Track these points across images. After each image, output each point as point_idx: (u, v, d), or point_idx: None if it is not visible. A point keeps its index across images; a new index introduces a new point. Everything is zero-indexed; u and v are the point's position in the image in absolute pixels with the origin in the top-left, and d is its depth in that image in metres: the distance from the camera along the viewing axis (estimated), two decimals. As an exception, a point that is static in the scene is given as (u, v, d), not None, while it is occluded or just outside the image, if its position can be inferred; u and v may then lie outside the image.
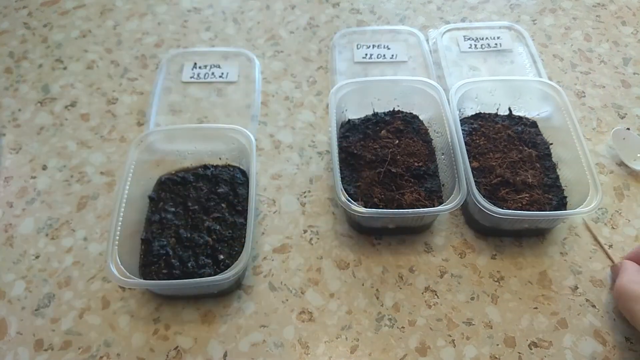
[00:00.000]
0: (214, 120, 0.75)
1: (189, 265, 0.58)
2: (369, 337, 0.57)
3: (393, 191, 0.62)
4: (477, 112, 0.72)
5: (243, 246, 0.56)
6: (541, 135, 0.70)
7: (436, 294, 0.60)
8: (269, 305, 0.59)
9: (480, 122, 0.71)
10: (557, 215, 0.60)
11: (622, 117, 0.76)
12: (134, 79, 0.81)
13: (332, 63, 0.81)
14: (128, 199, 0.59)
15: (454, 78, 0.76)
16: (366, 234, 0.65)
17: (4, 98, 0.78)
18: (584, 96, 0.79)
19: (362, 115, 0.71)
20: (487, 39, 0.84)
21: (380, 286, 0.61)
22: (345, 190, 0.59)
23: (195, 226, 0.61)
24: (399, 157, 0.65)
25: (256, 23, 0.89)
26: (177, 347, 0.56)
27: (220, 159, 0.68)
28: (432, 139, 0.69)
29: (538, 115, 0.72)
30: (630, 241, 0.64)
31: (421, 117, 0.71)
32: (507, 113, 0.72)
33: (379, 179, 0.63)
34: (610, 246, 0.64)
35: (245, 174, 0.67)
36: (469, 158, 0.63)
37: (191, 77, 0.80)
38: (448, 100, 0.67)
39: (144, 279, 0.58)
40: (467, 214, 0.66)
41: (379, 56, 0.82)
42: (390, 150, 0.66)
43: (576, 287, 0.61)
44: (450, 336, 0.57)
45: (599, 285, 0.61)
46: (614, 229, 0.65)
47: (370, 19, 0.90)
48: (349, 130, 0.69)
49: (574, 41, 0.86)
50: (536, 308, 0.59)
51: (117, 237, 0.56)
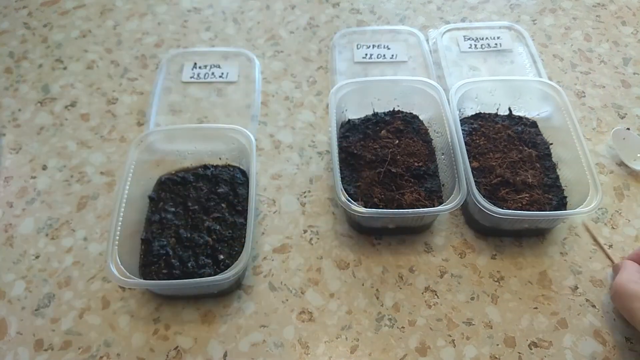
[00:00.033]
0: (214, 120, 0.75)
1: (189, 265, 0.58)
2: (369, 337, 0.57)
3: (393, 191, 0.62)
4: (477, 112, 0.72)
5: (243, 246, 0.56)
6: (541, 135, 0.70)
7: (436, 294, 0.60)
8: (269, 305, 0.59)
9: (480, 122, 0.71)
10: (557, 215, 0.60)
11: (622, 117, 0.76)
12: (134, 79, 0.81)
13: (332, 63, 0.81)
14: (128, 199, 0.59)
15: (454, 78, 0.76)
16: (366, 234, 0.65)
17: (4, 98, 0.78)
18: (584, 96, 0.79)
19: (362, 115, 0.71)
20: (487, 39, 0.84)
21: (380, 286, 0.61)
22: (345, 190, 0.59)
23: (195, 226, 0.61)
24: (399, 157, 0.65)
25: (256, 23, 0.89)
26: (177, 347, 0.56)
27: (220, 159, 0.68)
28: (432, 139, 0.69)
29: (538, 115, 0.72)
30: (630, 241, 0.64)
31: (421, 117, 0.71)
32: (507, 113, 0.72)
33: (379, 179, 0.63)
34: (610, 246, 0.64)
35: (245, 174, 0.67)
36: (469, 158, 0.63)
37: (191, 77, 0.80)
38: (448, 100, 0.67)
39: (144, 279, 0.58)
40: (467, 214, 0.66)
41: (379, 56, 0.82)
42: (390, 150, 0.66)
43: (576, 287, 0.61)
44: (450, 336, 0.57)
45: (599, 285, 0.61)
46: (614, 229, 0.65)
47: (370, 19, 0.90)
48: (349, 130, 0.69)
49: (574, 41, 0.86)
50: (536, 308, 0.59)
51: (117, 237, 0.56)
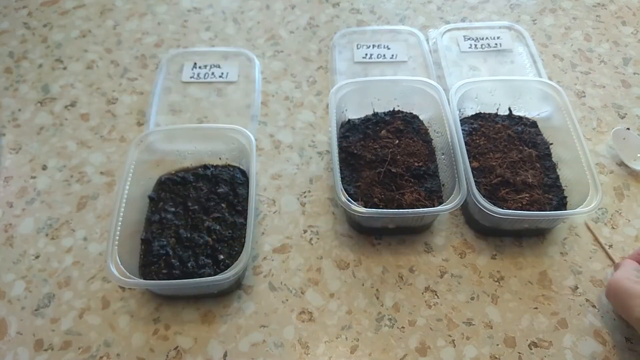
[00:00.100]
0: (214, 120, 0.75)
1: (189, 265, 0.58)
2: (369, 337, 0.57)
3: (393, 191, 0.62)
4: (477, 112, 0.72)
5: (243, 246, 0.56)
6: (541, 135, 0.70)
7: (436, 294, 0.60)
8: (269, 305, 0.59)
9: (480, 122, 0.71)
10: (557, 215, 0.60)
11: (622, 117, 0.76)
12: (134, 79, 0.81)
13: (332, 63, 0.81)
14: (128, 199, 0.59)
15: (454, 78, 0.76)
16: (366, 234, 0.65)
17: (4, 98, 0.78)
18: (584, 96, 0.79)
19: (362, 115, 0.71)
20: (487, 39, 0.84)
21: (380, 286, 0.61)
22: (345, 190, 0.59)
23: (195, 226, 0.61)
24: (399, 157, 0.65)
25: (256, 23, 0.89)
26: (177, 347, 0.56)
27: (220, 159, 0.68)
28: (432, 139, 0.69)
29: (538, 115, 0.72)
30: (630, 241, 0.64)
31: (421, 117, 0.71)
32: (507, 113, 0.72)
33: (379, 179, 0.63)
34: (610, 246, 0.64)
35: (245, 174, 0.67)
36: (469, 158, 0.63)
37: (191, 77, 0.80)
38: (448, 100, 0.67)
39: (144, 279, 0.58)
40: (467, 214, 0.66)
41: (379, 56, 0.82)
42: (390, 150, 0.66)
43: (576, 287, 0.61)
44: (450, 336, 0.57)
45: (599, 285, 0.61)
46: (614, 229, 0.65)
47: (370, 19, 0.90)
48: (349, 130, 0.69)
49: (574, 41, 0.86)
50: (536, 308, 0.59)
51: (117, 237, 0.56)
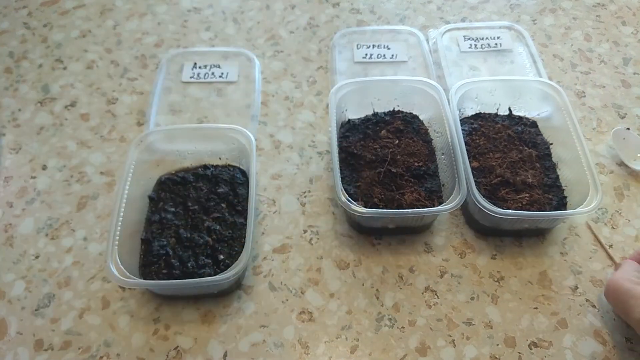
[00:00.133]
0: (214, 120, 0.75)
1: (189, 265, 0.58)
2: (369, 337, 0.57)
3: (393, 191, 0.62)
4: (477, 112, 0.72)
5: (243, 246, 0.56)
6: (541, 135, 0.70)
7: (436, 294, 0.60)
8: (269, 305, 0.59)
9: (480, 122, 0.71)
10: (557, 215, 0.60)
11: (622, 117, 0.76)
12: (133, 79, 0.81)
13: (332, 63, 0.81)
14: (128, 199, 0.59)
15: (454, 78, 0.76)
16: (366, 234, 0.65)
17: (3, 98, 0.78)
18: (584, 96, 0.79)
19: (362, 115, 0.71)
20: (487, 39, 0.84)
21: (380, 286, 0.61)
22: (345, 190, 0.59)
23: (195, 226, 0.61)
24: (399, 157, 0.65)
25: (256, 23, 0.89)
26: (177, 347, 0.56)
27: (220, 159, 0.68)
28: (432, 139, 0.69)
29: (538, 115, 0.72)
30: (630, 241, 0.64)
31: (421, 117, 0.71)
32: (507, 113, 0.72)
33: (379, 179, 0.63)
34: (611, 246, 0.64)
35: (245, 174, 0.67)
36: (469, 158, 0.63)
37: (191, 77, 0.80)
38: (448, 100, 0.67)
39: (144, 279, 0.58)
40: (467, 214, 0.65)
41: (379, 56, 0.82)
42: (390, 150, 0.66)
43: (576, 287, 0.61)
44: (451, 336, 0.57)
45: (599, 285, 0.61)
46: (614, 229, 0.65)
47: (370, 19, 0.90)
48: (349, 130, 0.69)
49: (574, 41, 0.86)
50: (536, 308, 0.59)
51: (117, 237, 0.56)
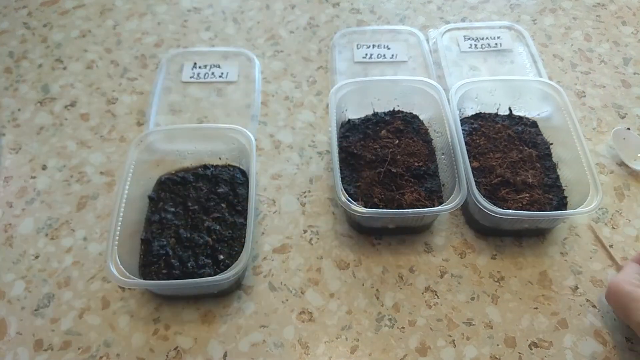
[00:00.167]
0: (214, 120, 0.75)
1: (189, 265, 0.58)
2: (369, 337, 0.57)
3: (393, 191, 0.62)
4: (477, 112, 0.72)
5: (243, 246, 0.56)
6: (541, 135, 0.70)
7: (436, 294, 0.60)
8: (269, 305, 0.59)
9: (480, 122, 0.71)
10: (557, 215, 0.60)
11: (623, 117, 0.76)
12: (133, 78, 0.81)
13: (332, 63, 0.81)
14: (128, 199, 0.59)
15: (454, 78, 0.76)
16: (366, 234, 0.65)
17: (3, 98, 0.78)
18: (584, 96, 0.79)
19: (362, 115, 0.71)
20: (487, 38, 0.84)
21: (380, 286, 0.61)
22: (345, 190, 0.59)
23: (195, 226, 0.61)
24: (399, 157, 0.65)
25: (256, 23, 0.89)
26: (177, 347, 0.56)
27: (220, 159, 0.68)
28: (432, 139, 0.69)
29: (538, 115, 0.72)
30: (630, 241, 0.64)
31: (421, 117, 0.71)
32: (507, 113, 0.72)
33: (379, 179, 0.63)
34: (611, 246, 0.63)
35: (245, 174, 0.67)
36: (469, 158, 0.63)
37: (191, 77, 0.80)
38: (448, 100, 0.67)
39: (144, 279, 0.58)
40: (467, 214, 0.65)
41: (379, 56, 0.82)
42: (390, 150, 0.66)
43: (576, 287, 0.61)
44: (451, 336, 0.57)
45: (599, 286, 0.61)
46: (614, 229, 0.65)
47: (370, 19, 0.90)
48: (349, 130, 0.69)
49: (574, 41, 0.86)
50: (536, 308, 0.59)
51: (117, 237, 0.56)
